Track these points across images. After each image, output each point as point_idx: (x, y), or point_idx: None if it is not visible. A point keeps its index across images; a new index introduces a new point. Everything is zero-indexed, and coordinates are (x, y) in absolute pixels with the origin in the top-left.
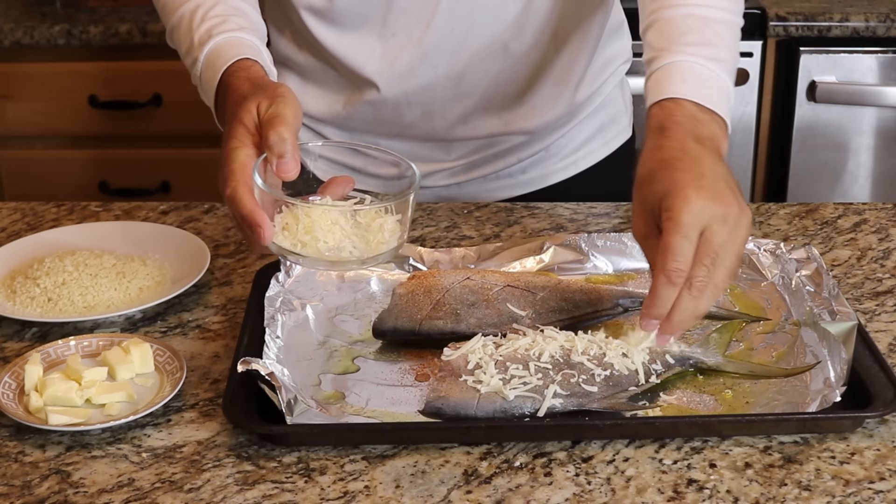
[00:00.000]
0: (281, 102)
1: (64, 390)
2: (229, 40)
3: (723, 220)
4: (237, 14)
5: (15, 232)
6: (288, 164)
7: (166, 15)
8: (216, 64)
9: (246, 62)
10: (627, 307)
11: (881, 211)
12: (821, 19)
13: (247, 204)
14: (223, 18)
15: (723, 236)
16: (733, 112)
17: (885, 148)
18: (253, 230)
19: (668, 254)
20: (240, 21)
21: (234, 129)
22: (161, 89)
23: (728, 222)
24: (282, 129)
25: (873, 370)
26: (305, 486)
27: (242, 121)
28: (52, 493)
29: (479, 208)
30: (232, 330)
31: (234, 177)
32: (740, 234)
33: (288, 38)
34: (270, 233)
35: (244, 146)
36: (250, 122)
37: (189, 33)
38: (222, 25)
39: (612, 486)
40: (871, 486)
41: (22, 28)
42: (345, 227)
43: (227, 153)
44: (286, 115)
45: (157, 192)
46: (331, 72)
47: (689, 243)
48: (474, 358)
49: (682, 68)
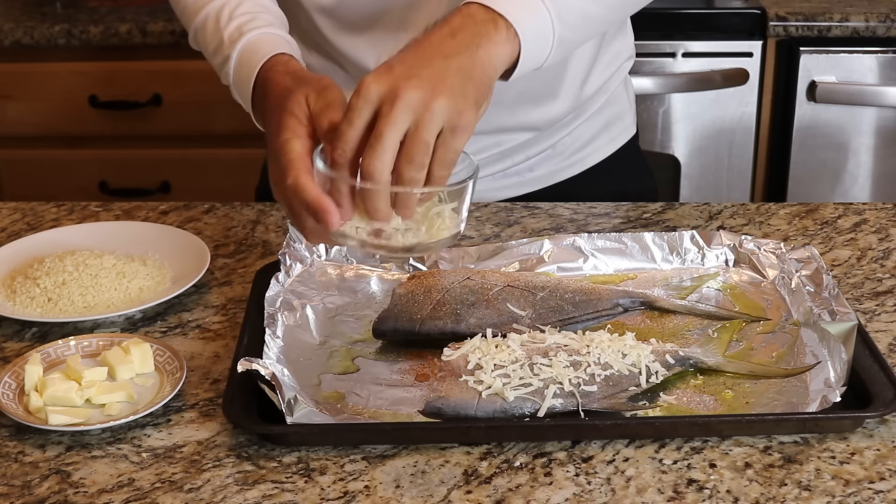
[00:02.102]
0: (329, 92)
1: (64, 390)
2: (262, 36)
3: (394, 98)
4: (264, 11)
5: (15, 232)
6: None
7: (188, 17)
8: (251, 60)
9: (282, 57)
10: (627, 307)
11: (881, 211)
12: (821, 19)
13: (312, 190)
14: (252, 16)
15: (397, 115)
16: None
17: (885, 148)
18: (321, 216)
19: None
20: (268, 17)
21: (286, 120)
22: (161, 89)
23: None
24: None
25: (873, 370)
26: (305, 486)
27: (293, 112)
28: (52, 493)
29: (479, 208)
30: (232, 330)
31: (293, 166)
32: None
33: (295, 39)
34: (338, 217)
35: (299, 136)
36: (301, 113)
37: (217, 32)
38: (252, 22)
39: (612, 486)
40: (871, 486)
41: (22, 28)
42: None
43: (282, 144)
44: (338, 103)
45: (157, 192)
46: (339, 71)
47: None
48: (474, 358)
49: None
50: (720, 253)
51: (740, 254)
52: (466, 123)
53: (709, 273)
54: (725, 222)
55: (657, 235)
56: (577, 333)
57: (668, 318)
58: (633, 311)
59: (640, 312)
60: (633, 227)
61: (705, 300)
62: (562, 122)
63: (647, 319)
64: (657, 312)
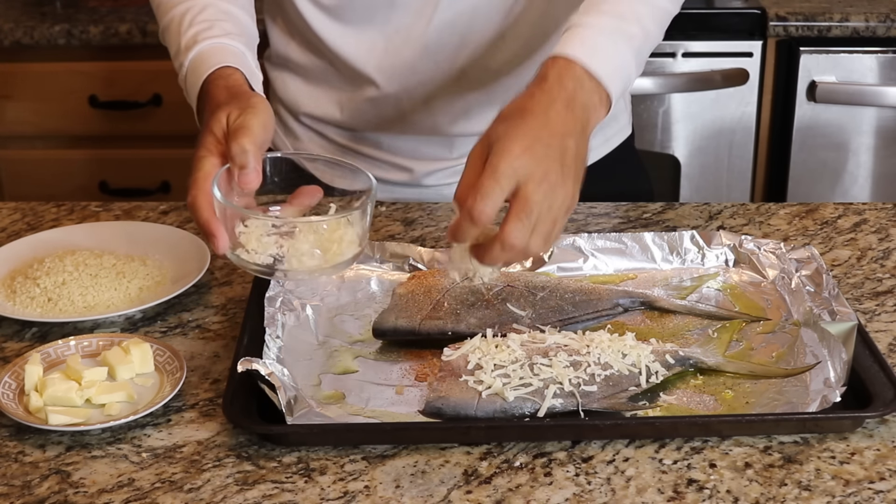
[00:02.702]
0: (250, 113)
1: (64, 390)
2: (213, 46)
3: (539, 180)
4: (225, 19)
5: (15, 232)
6: (248, 175)
7: (159, 15)
8: (199, 70)
9: (226, 70)
10: (627, 307)
11: (881, 211)
12: (821, 19)
13: (203, 213)
14: (210, 24)
15: (539, 195)
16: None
17: (885, 148)
18: (209, 239)
19: (477, 193)
20: (226, 26)
21: (204, 137)
22: (161, 89)
23: (544, 184)
24: (244, 141)
25: (873, 370)
26: (305, 486)
27: (212, 130)
28: (52, 493)
29: None
30: (232, 330)
31: (195, 185)
32: (557, 201)
33: (287, 38)
34: (225, 243)
35: (211, 155)
36: (219, 131)
37: (177, 37)
38: (208, 31)
39: (612, 486)
40: (871, 486)
41: (22, 28)
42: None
43: (195, 162)
44: (252, 125)
45: (157, 192)
46: (331, 70)
47: (500, 189)
48: (474, 358)
49: (588, 33)
50: (720, 253)
51: (740, 254)
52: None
53: (709, 273)
54: (725, 222)
55: (657, 235)
56: (577, 333)
57: (668, 318)
58: (633, 311)
59: (640, 312)
60: (633, 227)
61: (705, 300)
62: None
63: (647, 319)
64: (657, 312)
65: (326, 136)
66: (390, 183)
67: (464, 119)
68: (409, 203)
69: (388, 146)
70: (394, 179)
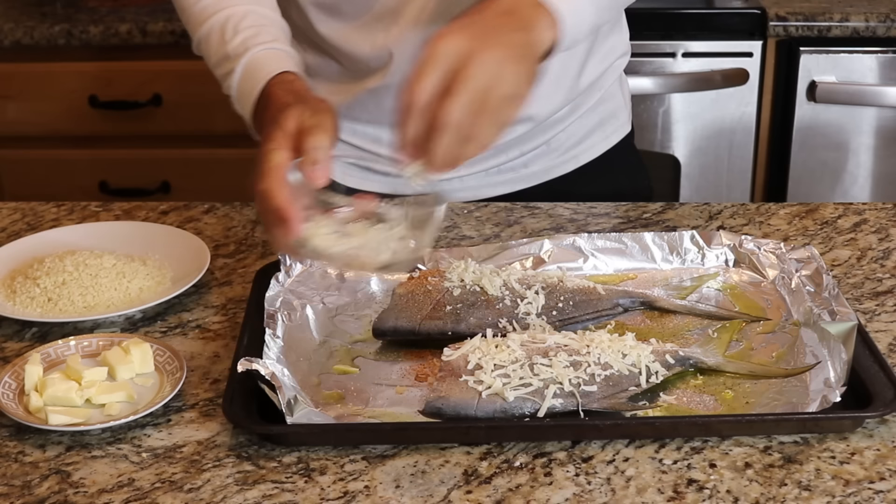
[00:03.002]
0: (325, 115)
1: (64, 390)
2: (268, 52)
3: (473, 56)
4: (269, 24)
5: (15, 232)
6: (321, 171)
7: (192, 26)
8: (256, 75)
9: (289, 75)
10: (627, 307)
11: (881, 211)
12: (821, 19)
13: (280, 199)
14: (257, 30)
15: (476, 69)
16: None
17: (885, 148)
18: (283, 224)
19: (410, 76)
20: (273, 32)
21: (274, 132)
22: (161, 89)
23: (481, 58)
24: (321, 137)
25: (873, 370)
26: (305, 486)
27: (283, 126)
28: (52, 493)
29: (479, 208)
30: (232, 330)
31: (269, 174)
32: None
33: None
34: (300, 227)
35: (281, 149)
36: (291, 127)
37: (221, 45)
38: (257, 37)
39: (612, 486)
40: (871, 486)
41: (22, 28)
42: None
43: (265, 153)
44: (328, 126)
45: (157, 192)
46: (332, 64)
47: (433, 67)
48: (474, 358)
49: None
50: (720, 253)
51: (740, 254)
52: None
53: (709, 273)
54: (725, 222)
55: (657, 235)
56: (577, 333)
57: (668, 318)
58: (633, 311)
59: (640, 312)
60: (633, 227)
61: (705, 300)
62: (556, 117)
63: (647, 319)
64: (657, 312)
65: None
66: (389, 177)
67: None
68: None
69: (387, 141)
70: (393, 174)
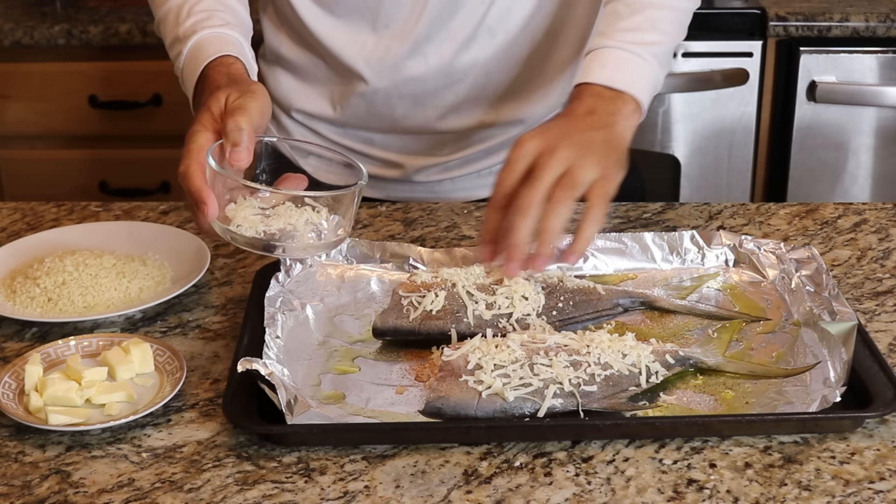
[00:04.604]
0: (249, 97)
1: (64, 390)
2: (213, 36)
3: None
4: (222, 10)
5: (15, 232)
6: (240, 152)
7: (155, 7)
8: (198, 58)
9: (227, 59)
10: (627, 307)
11: (881, 211)
12: (821, 19)
13: (196, 181)
14: (208, 14)
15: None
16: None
17: (885, 148)
18: (198, 206)
19: (495, 185)
20: (225, 17)
21: (200, 114)
22: (161, 89)
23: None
24: (240, 119)
25: (873, 370)
26: (305, 486)
27: (209, 108)
28: (52, 493)
29: (479, 208)
30: (232, 330)
31: (189, 155)
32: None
33: (279, 33)
34: (214, 210)
35: (205, 130)
36: (216, 109)
37: (175, 27)
38: (207, 21)
39: (612, 486)
40: (871, 486)
41: (22, 28)
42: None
43: (189, 136)
44: (249, 107)
45: (157, 192)
46: (322, 66)
47: (513, 172)
48: (474, 358)
49: (604, 54)
50: (720, 253)
51: (740, 254)
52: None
53: (709, 273)
54: (725, 222)
55: (657, 235)
56: (577, 333)
57: (668, 318)
58: (633, 311)
59: (640, 312)
60: (633, 227)
61: (705, 300)
62: (546, 118)
63: (647, 319)
64: (657, 312)
65: (318, 133)
66: (381, 179)
67: (454, 115)
68: (409, 203)
69: (379, 143)
70: (385, 176)
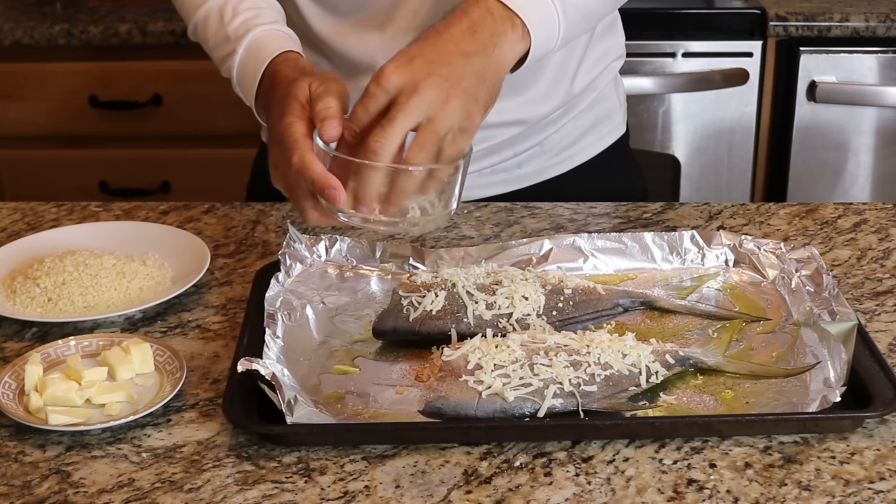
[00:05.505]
0: (331, 83)
1: (64, 390)
2: (269, 33)
3: (409, 92)
4: (267, 7)
5: (15, 232)
6: (331, 125)
7: (188, 11)
8: (259, 56)
9: (291, 54)
10: (627, 307)
11: (881, 211)
12: (821, 19)
13: (317, 168)
14: (256, 12)
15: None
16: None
17: (885, 148)
18: (327, 193)
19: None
20: (272, 14)
21: (289, 104)
22: (161, 89)
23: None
24: (329, 99)
25: (873, 370)
26: (305, 486)
27: (297, 97)
28: (52, 493)
29: (479, 208)
30: (232, 330)
31: (297, 145)
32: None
33: None
34: (344, 194)
35: (300, 119)
36: (304, 97)
37: (220, 27)
38: (257, 19)
39: (612, 486)
40: (871, 486)
41: (22, 28)
42: None
43: (285, 127)
44: (335, 90)
45: (157, 192)
46: (325, 63)
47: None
48: (474, 358)
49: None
50: (720, 253)
51: (740, 254)
52: (473, 126)
53: (709, 273)
54: (725, 222)
55: (657, 235)
56: (577, 333)
57: (668, 318)
58: (633, 311)
59: (640, 312)
60: (633, 227)
61: (705, 300)
62: (550, 118)
63: (647, 319)
64: (657, 312)
65: None
66: None
67: None
68: None
69: None
70: None
